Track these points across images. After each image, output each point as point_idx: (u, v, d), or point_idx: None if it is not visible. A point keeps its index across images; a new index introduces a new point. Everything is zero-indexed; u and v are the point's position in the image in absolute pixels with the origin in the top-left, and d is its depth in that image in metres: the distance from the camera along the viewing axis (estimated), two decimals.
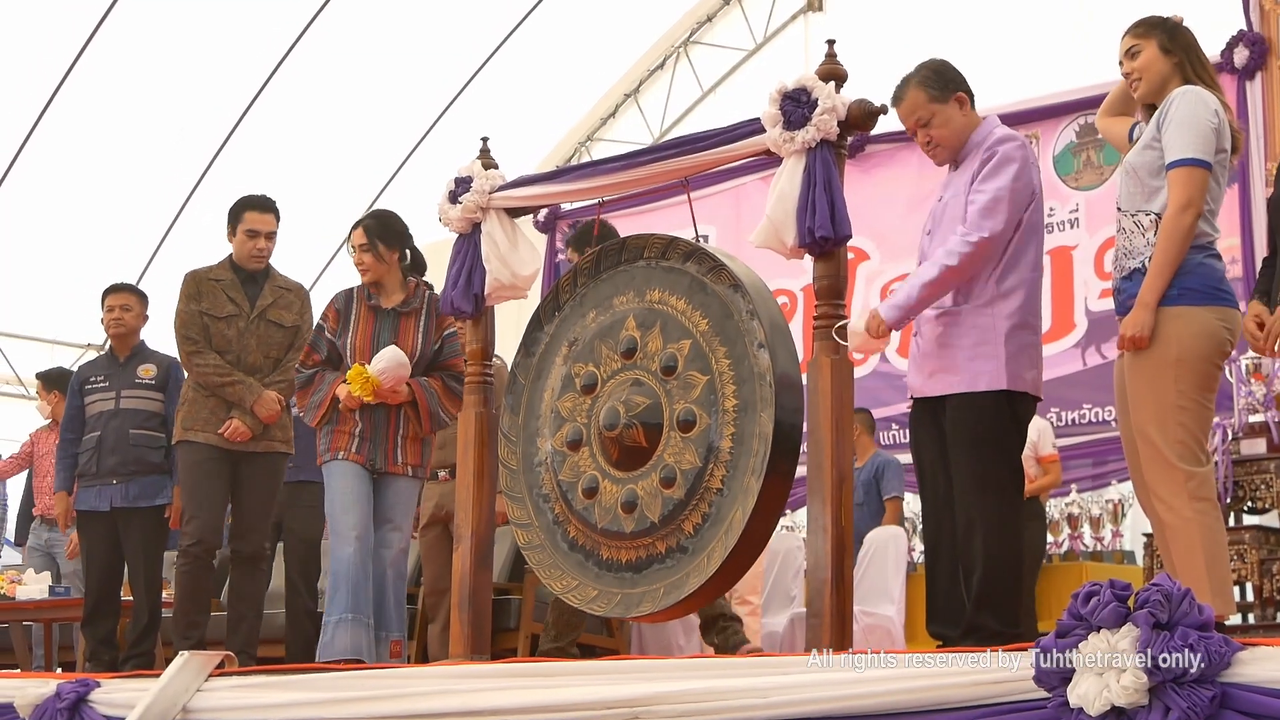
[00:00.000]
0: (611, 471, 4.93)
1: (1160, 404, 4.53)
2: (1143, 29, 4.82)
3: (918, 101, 5.00)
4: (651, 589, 4.80)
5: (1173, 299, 4.56)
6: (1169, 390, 4.52)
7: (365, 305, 6.33)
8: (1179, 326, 4.54)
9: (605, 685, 4.26)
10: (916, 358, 5.03)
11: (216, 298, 6.85)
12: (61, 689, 5.37)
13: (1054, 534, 9.40)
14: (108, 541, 7.41)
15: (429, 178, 10.27)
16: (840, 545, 4.52)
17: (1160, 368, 4.54)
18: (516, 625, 7.27)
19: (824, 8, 14.36)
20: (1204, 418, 4.60)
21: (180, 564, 6.76)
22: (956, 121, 5.01)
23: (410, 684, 4.74)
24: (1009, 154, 4.89)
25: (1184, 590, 3.33)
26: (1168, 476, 4.51)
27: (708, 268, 4.88)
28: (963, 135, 5.01)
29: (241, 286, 6.89)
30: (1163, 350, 4.54)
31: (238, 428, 6.68)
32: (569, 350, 5.16)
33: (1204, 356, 4.56)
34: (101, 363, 7.66)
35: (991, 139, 4.94)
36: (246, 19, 13.21)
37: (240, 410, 6.70)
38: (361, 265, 6.35)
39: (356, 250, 6.37)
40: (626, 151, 5.35)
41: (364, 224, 6.43)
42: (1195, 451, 4.54)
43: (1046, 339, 9.26)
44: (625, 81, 15.48)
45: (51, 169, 13.58)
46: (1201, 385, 4.57)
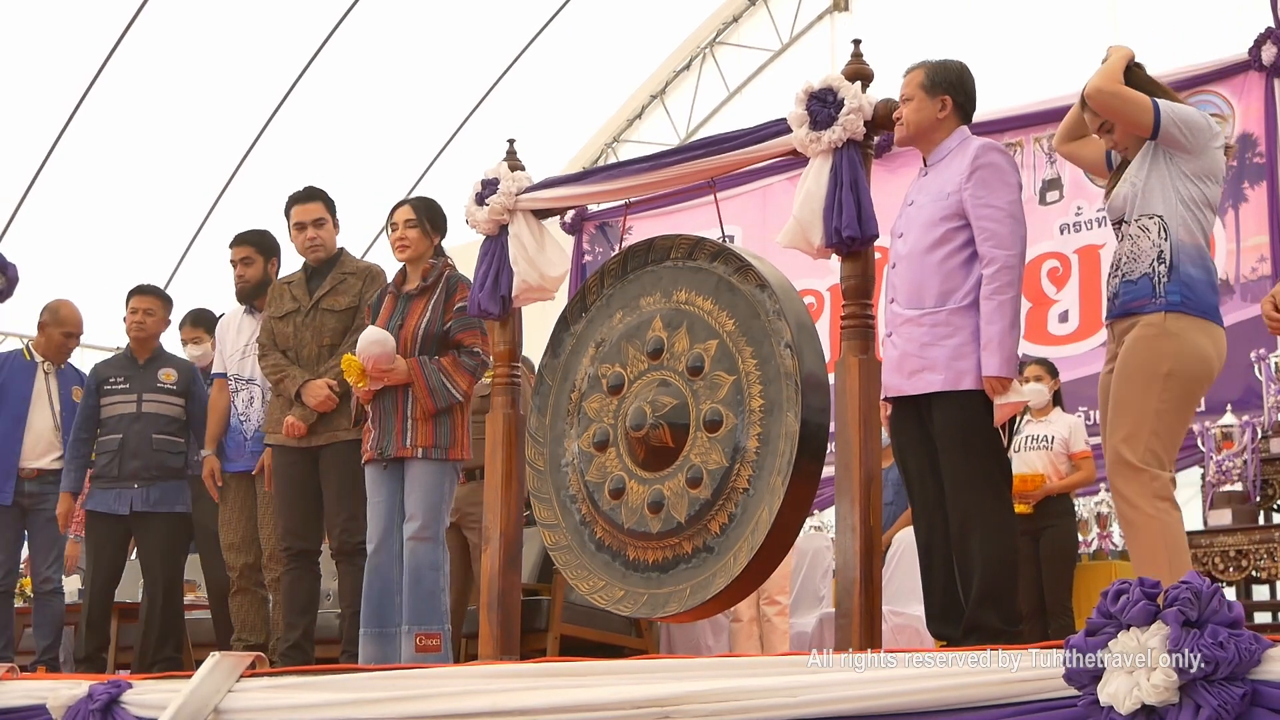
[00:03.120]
0: (638, 472, 4.94)
1: (1141, 408, 4.62)
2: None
3: (913, 79, 5.10)
4: (678, 589, 4.80)
5: (1175, 305, 4.64)
6: (1152, 399, 4.62)
7: (390, 294, 6.32)
8: (1177, 345, 4.63)
9: (635, 685, 4.26)
10: (894, 359, 5.03)
11: (281, 299, 6.78)
12: (94, 690, 5.38)
13: (1083, 533, 9.38)
14: (117, 544, 7.43)
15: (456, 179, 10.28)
16: (869, 545, 4.53)
17: (1150, 379, 4.63)
18: (546, 626, 7.29)
19: (850, 7, 14.35)
20: (1178, 432, 4.72)
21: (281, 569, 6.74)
22: (926, 115, 5.05)
23: (440, 684, 4.75)
24: (999, 164, 4.95)
25: (1214, 588, 3.33)
26: (1133, 478, 4.61)
27: (734, 268, 4.88)
28: (929, 133, 5.07)
29: (306, 282, 6.77)
30: (1156, 363, 4.63)
31: (291, 424, 6.52)
32: (596, 351, 5.17)
33: (1194, 377, 4.68)
34: (120, 363, 7.63)
35: (972, 148, 4.97)
36: (273, 23, 13.27)
37: (296, 405, 6.56)
38: (404, 241, 6.24)
39: (401, 226, 6.25)
40: (653, 152, 5.35)
41: (411, 202, 6.38)
42: (1162, 458, 4.65)
43: (1075, 337, 9.29)
44: (652, 82, 15.50)
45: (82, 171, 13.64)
46: (1184, 402, 4.69)
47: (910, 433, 5.05)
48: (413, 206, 6.34)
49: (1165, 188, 4.72)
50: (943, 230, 4.94)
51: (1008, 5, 12.67)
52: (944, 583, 4.97)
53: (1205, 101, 9.00)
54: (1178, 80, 8.76)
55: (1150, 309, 4.67)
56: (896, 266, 5.08)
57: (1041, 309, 9.55)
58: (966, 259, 4.92)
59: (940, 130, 5.07)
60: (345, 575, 6.55)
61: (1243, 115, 9.19)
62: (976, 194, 4.89)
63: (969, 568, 4.83)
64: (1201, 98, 9.02)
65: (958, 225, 4.93)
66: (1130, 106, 4.72)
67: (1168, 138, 4.71)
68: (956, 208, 4.92)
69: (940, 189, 4.98)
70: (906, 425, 5.07)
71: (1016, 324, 4.90)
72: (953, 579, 4.93)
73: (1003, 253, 4.85)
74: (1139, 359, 4.65)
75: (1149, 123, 4.71)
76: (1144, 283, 4.69)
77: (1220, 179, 4.84)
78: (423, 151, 14.65)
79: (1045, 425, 8.06)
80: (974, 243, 4.90)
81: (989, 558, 4.79)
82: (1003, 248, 4.85)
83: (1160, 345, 4.63)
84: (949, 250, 4.93)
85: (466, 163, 12.62)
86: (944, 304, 4.92)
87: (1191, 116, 4.78)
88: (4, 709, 5.79)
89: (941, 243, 4.94)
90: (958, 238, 4.93)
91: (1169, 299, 4.64)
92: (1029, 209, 5.10)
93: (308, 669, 5.60)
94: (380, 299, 6.35)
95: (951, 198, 4.93)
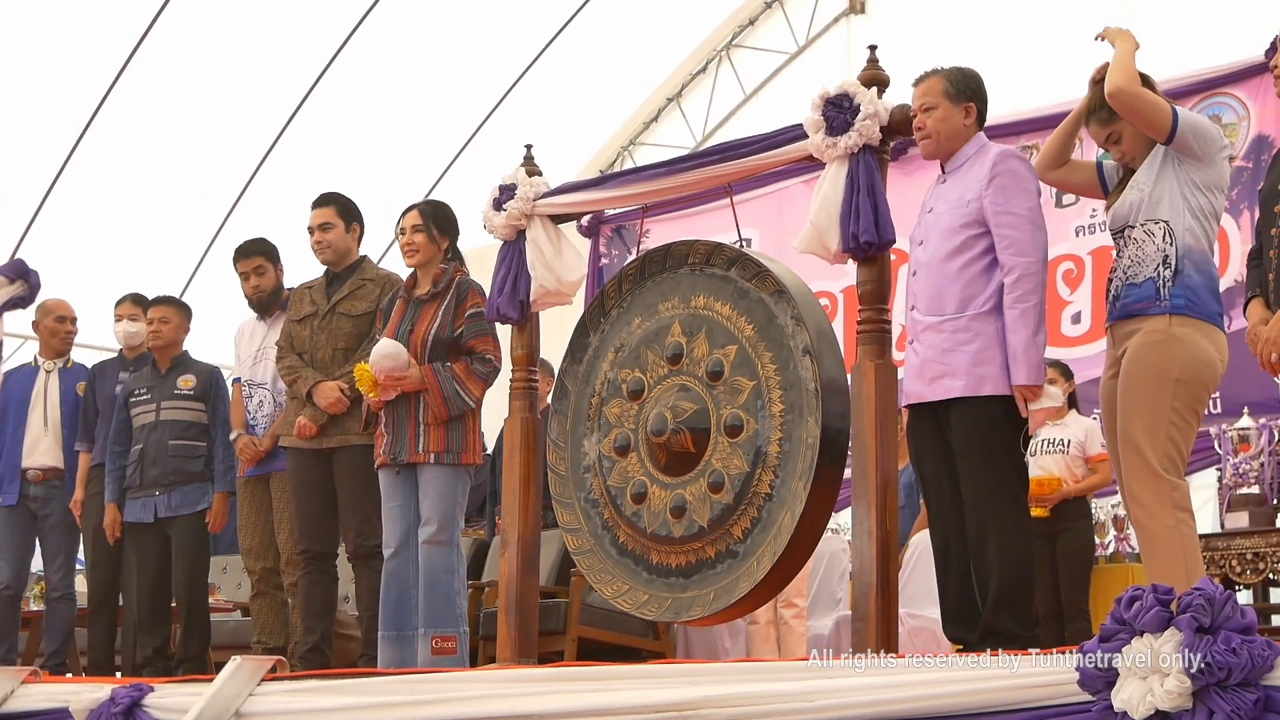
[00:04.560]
0: (659, 477, 4.96)
1: (1155, 417, 4.65)
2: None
3: (934, 88, 5.06)
4: (701, 593, 4.83)
5: (1180, 309, 4.68)
6: (1165, 405, 4.65)
7: (400, 299, 6.34)
8: (1183, 350, 4.66)
9: (652, 689, 4.29)
10: (916, 365, 5.04)
11: (301, 303, 6.83)
12: (116, 694, 5.42)
13: (1100, 536, 9.36)
14: (156, 551, 7.48)
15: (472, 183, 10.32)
16: (885, 549, 4.54)
17: (1160, 385, 4.65)
18: (563, 629, 7.31)
19: (866, 10, 14.35)
20: (1190, 436, 4.75)
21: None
22: (954, 123, 5.04)
23: (459, 688, 4.78)
24: (1019, 170, 4.95)
25: (1227, 594, 3.35)
26: (1154, 486, 4.64)
27: (752, 273, 4.90)
28: (955, 140, 5.06)
29: (326, 286, 6.82)
30: (1165, 369, 4.65)
31: (302, 424, 6.57)
32: (615, 356, 5.19)
33: (1201, 382, 4.71)
34: (145, 375, 7.69)
35: (991, 155, 4.98)
36: (291, 28, 13.30)
37: (308, 406, 6.59)
38: (411, 246, 6.28)
39: (409, 231, 6.29)
40: (669, 156, 5.36)
41: (419, 207, 6.42)
42: (1179, 465, 4.68)
43: (1088, 339, 9.28)
44: (668, 85, 15.51)
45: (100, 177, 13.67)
46: (1193, 406, 4.71)
47: (928, 438, 5.06)
48: (420, 211, 6.38)
49: (1173, 195, 4.74)
50: (963, 237, 4.94)
51: (1023, 7, 12.67)
52: (960, 586, 4.98)
53: (1221, 104, 8.99)
54: (1194, 83, 8.78)
55: (1154, 311, 4.69)
56: (917, 274, 5.08)
57: (1055, 310, 9.55)
58: (987, 266, 4.92)
59: (962, 136, 5.08)
60: (362, 579, 6.59)
61: (1259, 117, 9.17)
62: (996, 201, 4.90)
63: (986, 572, 4.84)
64: (1218, 100, 9.01)
65: (978, 232, 4.93)
66: (1150, 109, 4.73)
67: (1181, 143, 4.72)
68: (977, 215, 4.93)
69: (960, 196, 4.98)
70: (924, 431, 5.07)
71: (1041, 330, 4.90)
72: (969, 583, 4.94)
73: (1023, 260, 4.86)
74: (1146, 364, 4.68)
75: (1166, 126, 4.72)
76: (1148, 285, 4.71)
77: (1225, 190, 4.87)
78: (439, 155, 14.68)
79: (1061, 428, 8.05)
80: (994, 249, 4.91)
81: (1006, 563, 4.80)
82: (1023, 255, 4.86)
83: (1167, 350, 4.65)
84: (969, 257, 4.94)
85: (483, 166, 12.65)
86: (965, 310, 4.92)
87: (1203, 124, 4.81)
88: (27, 712, 5.84)
89: (962, 250, 4.94)
90: (978, 245, 4.93)
91: (1174, 302, 4.67)
92: (1045, 212, 5.10)
93: (328, 673, 5.63)
94: (391, 303, 6.38)
95: (971, 205, 4.94)
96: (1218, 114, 8.79)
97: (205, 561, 7.59)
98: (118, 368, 8.02)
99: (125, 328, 7.97)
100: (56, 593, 7.91)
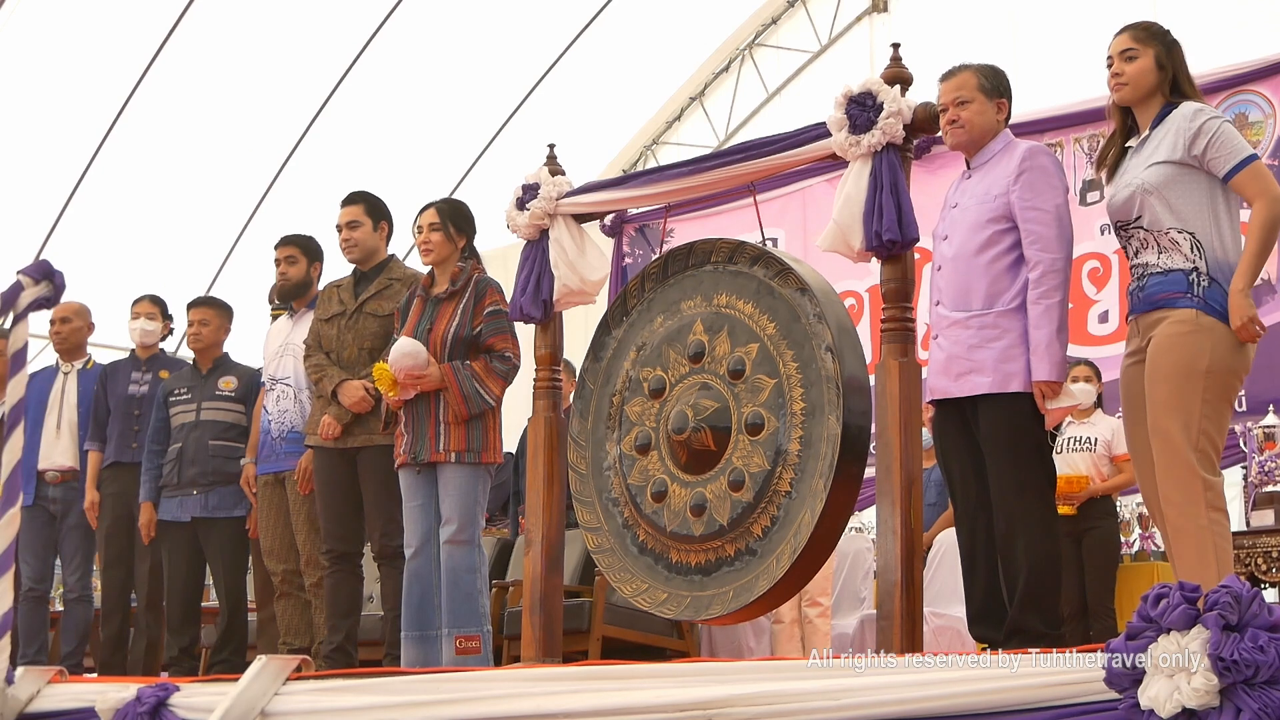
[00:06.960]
0: (680, 475, 4.96)
1: (1188, 411, 4.53)
2: (1143, 35, 4.85)
3: (968, 82, 5.08)
4: (721, 592, 4.82)
5: (1209, 305, 4.58)
6: (1196, 399, 4.53)
7: (419, 297, 6.34)
8: (1212, 340, 4.55)
9: (677, 688, 4.28)
10: (941, 361, 5.02)
11: (329, 302, 6.82)
12: (142, 693, 5.44)
13: (1125, 534, 9.34)
14: (188, 551, 7.50)
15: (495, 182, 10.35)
16: (910, 547, 4.53)
17: (1190, 377, 4.54)
18: (588, 628, 7.32)
19: (888, 8, 14.34)
20: (1223, 428, 4.63)
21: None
22: (989, 118, 5.06)
23: (484, 687, 4.78)
24: (1047, 167, 4.95)
25: (1254, 592, 3.33)
26: (1187, 483, 4.52)
27: (774, 271, 4.90)
28: (986, 134, 5.07)
29: (354, 285, 6.81)
30: (1194, 359, 4.55)
31: (326, 424, 6.56)
32: (637, 355, 5.19)
33: (1232, 371, 4.59)
34: (186, 375, 7.71)
35: (1020, 151, 4.98)
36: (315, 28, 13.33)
37: (332, 404, 6.58)
38: (427, 245, 6.29)
39: (425, 230, 6.30)
40: (692, 155, 5.36)
41: (436, 205, 6.42)
42: (1214, 461, 4.57)
43: (1115, 337, 9.24)
44: (690, 85, 15.52)
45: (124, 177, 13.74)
46: (1225, 398, 4.59)
47: (954, 435, 5.05)
48: (437, 209, 6.38)
49: (1200, 202, 4.65)
50: (990, 233, 4.93)
51: (1047, 4, 12.64)
52: (986, 585, 4.97)
53: (1246, 101, 8.96)
54: (1219, 79, 8.72)
55: (1183, 304, 4.62)
56: (942, 269, 5.07)
57: (1082, 309, 9.52)
58: (1013, 261, 4.91)
59: (993, 131, 5.08)
60: (386, 579, 6.58)
61: None
62: (1024, 196, 4.89)
63: (1013, 571, 4.82)
64: (1243, 97, 8.97)
65: (1005, 228, 4.92)
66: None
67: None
68: (1004, 210, 4.92)
69: (986, 191, 4.97)
70: (950, 428, 5.06)
71: (1064, 327, 4.88)
72: (995, 581, 4.92)
73: (1049, 256, 4.85)
74: (1176, 355, 4.57)
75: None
76: (1177, 277, 4.65)
77: None
78: (462, 155, 14.71)
79: (1088, 427, 8.04)
80: (1021, 245, 4.90)
81: (1034, 561, 4.78)
82: (1049, 251, 4.85)
83: (1197, 341, 4.56)
84: (996, 253, 4.93)
85: (506, 165, 12.68)
86: (991, 306, 4.91)
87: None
88: (53, 711, 5.86)
89: (988, 245, 4.93)
90: (1005, 240, 4.92)
91: (1206, 298, 4.60)
92: (1070, 210, 5.08)
93: (353, 672, 5.64)
94: (409, 302, 6.38)
95: (999, 200, 4.93)
96: (1244, 111, 8.74)
97: (243, 566, 7.61)
98: (130, 367, 8.05)
99: (142, 325, 8.00)
100: (73, 594, 7.95)
